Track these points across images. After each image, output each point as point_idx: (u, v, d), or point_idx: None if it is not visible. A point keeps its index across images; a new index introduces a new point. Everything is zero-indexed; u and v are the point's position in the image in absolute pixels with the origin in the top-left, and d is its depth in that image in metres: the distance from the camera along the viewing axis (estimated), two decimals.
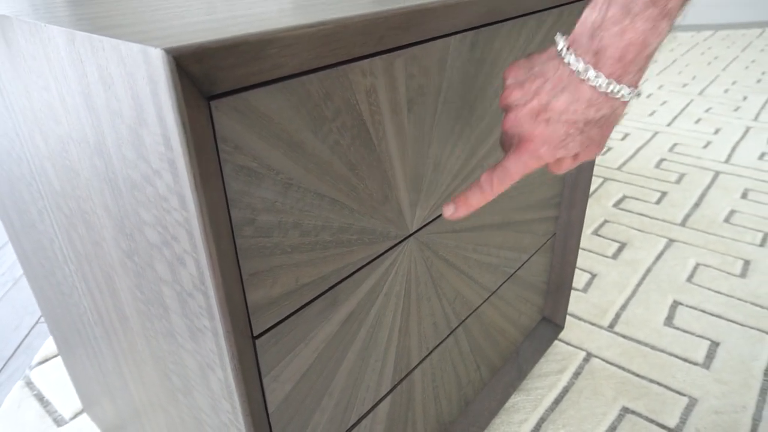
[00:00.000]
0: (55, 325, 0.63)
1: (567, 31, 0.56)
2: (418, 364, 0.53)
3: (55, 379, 0.81)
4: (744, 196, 1.25)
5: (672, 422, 0.71)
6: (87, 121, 0.29)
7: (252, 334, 0.33)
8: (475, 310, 0.60)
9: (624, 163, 1.44)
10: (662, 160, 1.45)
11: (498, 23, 0.44)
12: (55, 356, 0.85)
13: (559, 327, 0.82)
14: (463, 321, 0.58)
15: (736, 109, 1.77)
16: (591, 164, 0.68)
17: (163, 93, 0.22)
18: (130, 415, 0.56)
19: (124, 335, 0.43)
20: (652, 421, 0.71)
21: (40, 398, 0.78)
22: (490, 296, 0.62)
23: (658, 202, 1.25)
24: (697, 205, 1.23)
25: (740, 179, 1.32)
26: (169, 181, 0.25)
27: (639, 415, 0.72)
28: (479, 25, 0.42)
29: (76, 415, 0.75)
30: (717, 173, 1.36)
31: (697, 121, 1.68)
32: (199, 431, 0.40)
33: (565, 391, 0.76)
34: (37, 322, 0.94)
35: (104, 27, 0.26)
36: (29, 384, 0.80)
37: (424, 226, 0.45)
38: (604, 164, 1.44)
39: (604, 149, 1.53)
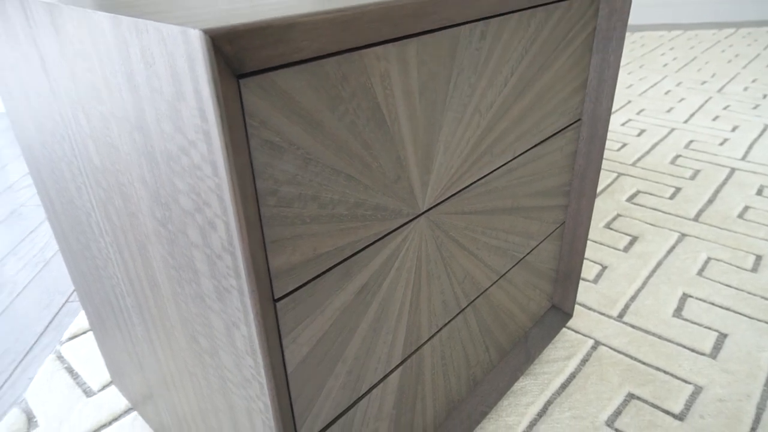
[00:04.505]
0: (87, 299, 0.67)
1: (576, 22, 0.58)
2: (428, 340, 0.55)
3: (84, 354, 0.85)
4: (759, 192, 1.25)
5: (677, 408, 0.73)
6: (129, 99, 0.32)
7: (273, 296, 0.36)
8: (484, 291, 0.62)
9: (639, 159, 1.45)
10: (678, 156, 1.45)
11: (507, 14, 0.47)
12: (85, 332, 0.90)
13: (568, 315, 0.84)
14: (472, 301, 0.61)
15: (755, 107, 1.76)
16: (600, 154, 0.70)
17: (200, 68, 0.25)
18: (157, 383, 0.59)
19: (154, 302, 0.46)
20: (656, 407, 0.73)
21: (70, 371, 0.82)
22: (498, 279, 0.64)
23: (672, 197, 1.25)
24: (711, 201, 1.23)
25: (756, 176, 1.32)
26: (203, 151, 0.28)
27: (644, 400, 0.74)
28: (489, 15, 0.44)
29: (103, 387, 0.79)
30: (733, 170, 1.36)
31: (715, 119, 1.68)
32: (223, 390, 0.43)
33: (572, 376, 0.78)
34: (66, 301, 0.99)
35: (146, 13, 0.30)
36: (60, 358, 0.85)
37: (435, 206, 0.48)
38: (619, 160, 1.45)
39: (619, 144, 1.54)
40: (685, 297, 0.93)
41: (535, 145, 0.61)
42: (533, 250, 0.70)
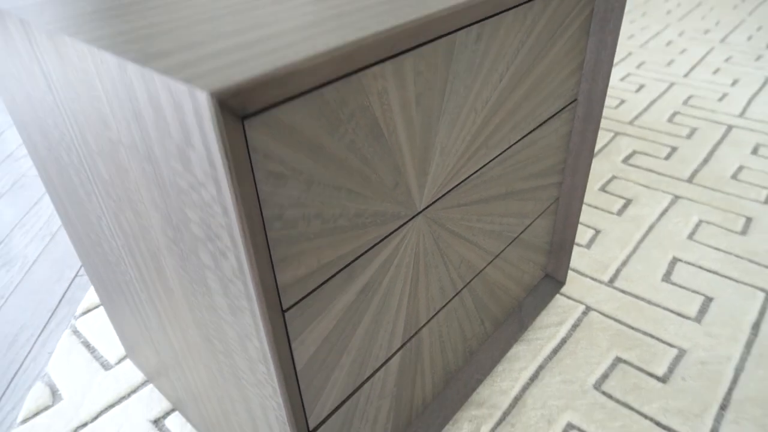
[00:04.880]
0: (99, 284, 0.69)
1: (573, 6, 0.58)
2: (426, 323, 0.59)
3: (98, 328, 0.90)
4: (755, 151, 1.26)
5: (660, 371, 0.78)
6: (137, 134, 0.34)
7: (282, 308, 0.38)
8: (480, 272, 0.65)
9: (636, 117, 1.45)
10: (675, 113, 1.45)
11: (503, 12, 0.47)
12: (97, 307, 0.94)
13: (561, 283, 0.88)
14: (468, 283, 0.63)
15: (758, 59, 1.73)
16: (595, 131, 0.71)
17: (207, 124, 0.27)
18: (171, 365, 0.63)
19: (168, 303, 0.49)
20: (641, 370, 0.78)
21: (87, 345, 0.87)
22: (494, 259, 0.67)
23: (668, 157, 1.27)
24: (706, 161, 1.24)
25: (753, 134, 1.33)
26: (213, 192, 0.30)
27: (630, 364, 0.79)
28: (485, 17, 0.45)
29: (120, 361, 0.84)
30: (730, 127, 1.36)
31: (716, 72, 1.66)
32: (238, 385, 0.47)
33: (563, 341, 0.83)
34: (76, 275, 1.02)
35: (151, 55, 0.30)
36: (76, 332, 0.89)
37: (432, 203, 0.50)
38: (617, 118, 1.45)
39: (618, 101, 1.53)
40: (674, 261, 0.97)
41: (531, 131, 0.62)
42: (527, 227, 0.72)
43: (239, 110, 0.28)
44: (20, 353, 0.87)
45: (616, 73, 1.70)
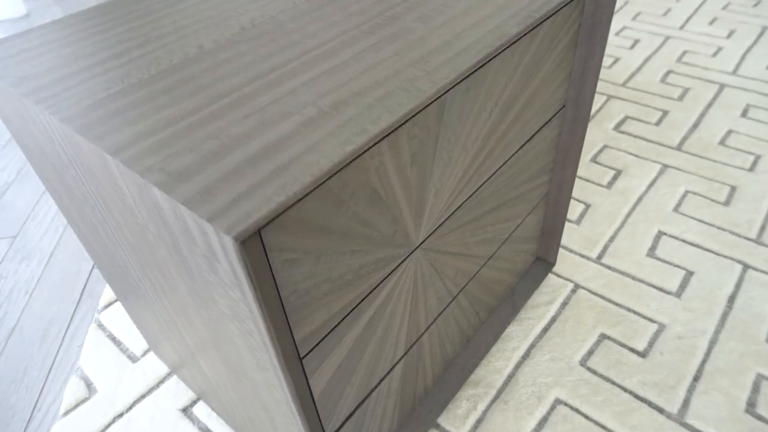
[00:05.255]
0: (112, 282, 0.75)
1: (560, 29, 0.59)
2: (426, 330, 0.65)
3: (121, 322, 0.96)
4: (744, 113, 1.28)
5: (641, 346, 0.85)
6: (164, 232, 0.38)
7: (299, 357, 0.44)
8: (474, 276, 0.70)
9: (630, 78, 1.45)
10: (669, 72, 1.45)
11: (490, 60, 0.49)
12: (117, 300, 1.00)
13: (552, 264, 0.94)
14: (463, 288, 0.69)
15: (756, 4, 1.71)
16: (583, 129, 0.74)
17: (231, 254, 0.31)
18: (192, 366, 0.70)
19: (187, 322, 0.55)
20: (624, 345, 0.85)
21: (113, 339, 0.94)
22: (487, 262, 0.72)
23: (659, 123, 1.29)
24: (695, 125, 1.27)
25: (744, 94, 1.34)
26: (239, 294, 0.35)
27: (614, 340, 0.86)
28: (474, 70, 0.47)
29: (145, 353, 0.91)
30: (722, 87, 1.38)
31: (712, 22, 1.64)
32: (259, 398, 0.53)
33: (553, 320, 0.90)
34: (93, 268, 1.08)
35: (173, 177, 0.34)
36: (101, 326, 0.96)
37: (428, 237, 0.54)
38: (610, 79, 1.45)
39: (612, 60, 1.53)
40: (659, 235, 1.02)
41: (522, 146, 0.65)
42: (519, 226, 0.77)
43: (258, 240, 0.32)
44: (53, 347, 0.94)
45: (611, 28, 1.68)
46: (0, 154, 1.42)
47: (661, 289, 0.93)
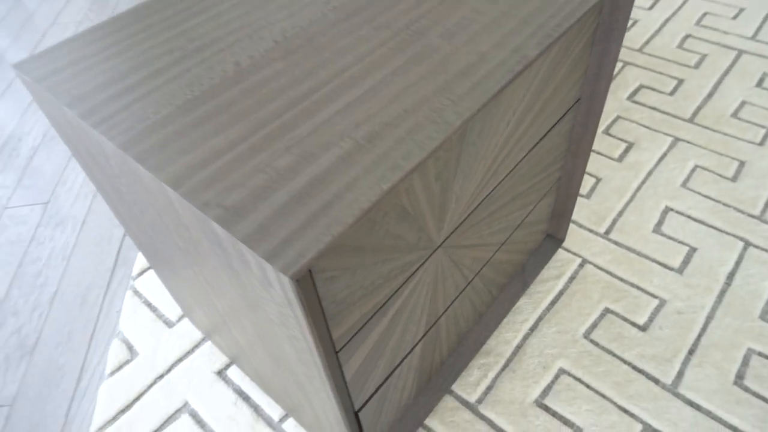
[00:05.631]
0: (150, 258, 0.81)
1: (576, 35, 0.61)
2: (443, 313, 0.70)
3: (155, 288, 1.03)
4: (759, 83, 1.28)
5: (641, 321, 0.91)
6: (218, 250, 0.42)
7: (335, 351, 0.50)
8: (488, 261, 0.75)
9: (647, 42, 1.44)
10: (687, 36, 1.44)
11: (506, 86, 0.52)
12: (150, 268, 1.06)
13: (561, 240, 0.98)
14: (478, 272, 0.74)
15: None
16: (596, 121, 0.76)
17: (287, 287, 0.36)
18: (224, 331, 0.76)
19: (231, 316, 0.61)
20: (625, 319, 0.91)
21: (149, 305, 1.01)
22: (500, 247, 0.77)
23: (673, 92, 1.29)
24: (710, 95, 1.27)
25: (761, 61, 1.33)
26: (288, 312, 0.40)
27: (616, 314, 0.92)
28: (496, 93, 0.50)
29: (180, 319, 0.98)
30: (740, 53, 1.36)
31: None
32: (295, 375, 0.60)
33: (560, 294, 0.95)
34: (124, 235, 1.14)
35: (230, 212, 0.38)
36: (136, 293, 1.03)
37: (448, 237, 0.59)
38: (627, 44, 1.44)
39: (630, 22, 1.50)
40: (666, 211, 1.06)
41: (537, 143, 0.68)
42: (531, 212, 0.81)
43: (308, 272, 0.36)
44: (93, 312, 1.02)
45: None
46: (23, 118, 1.46)
47: (664, 266, 0.97)
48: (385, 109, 0.45)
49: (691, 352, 0.86)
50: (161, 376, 0.91)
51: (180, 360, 0.93)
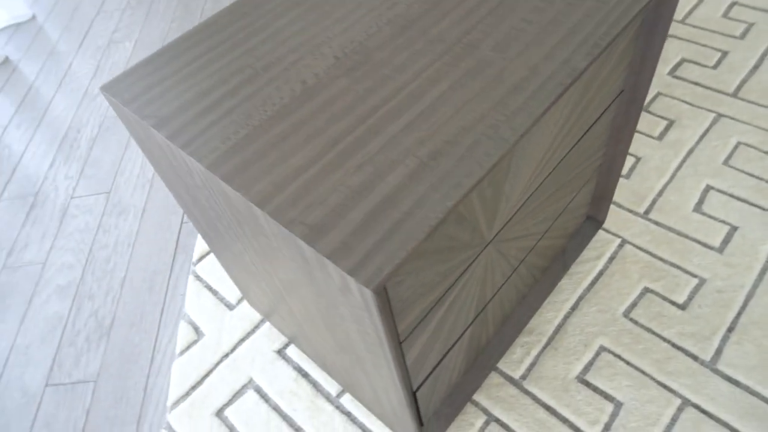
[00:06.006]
0: (211, 245, 0.88)
1: (620, 40, 0.63)
2: (490, 300, 0.75)
3: (215, 273, 1.11)
4: None
5: (681, 299, 0.94)
6: (302, 265, 0.48)
7: (399, 342, 0.55)
8: (532, 249, 0.79)
9: (690, 13, 1.41)
10: (733, 4, 1.40)
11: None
12: (208, 254, 1.14)
13: (601, 222, 1.01)
14: (523, 260, 0.78)
15: None
16: (639, 109, 0.78)
17: (367, 297, 0.41)
18: (283, 312, 0.83)
19: (301, 304, 0.67)
20: (665, 298, 0.94)
21: (210, 289, 1.09)
22: (544, 234, 0.81)
23: (716, 66, 1.27)
24: (756, 67, 1.25)
25: None
26: (364, 314, 0.45)
27: (656, 293, 0.95)
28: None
29: (239, 302, 1.06)
30: None
31: None
32: (359, 357, 0.66)
33: (600, 274, 0.99)
34: (182, 222, 1.22)
35: (315, 230, 0.43)
36: (198, 278, 1.11)
37: (498, 233, 0.63)
38: None
39: None
40: (707, 189, 1.07)
41: (581, 137, 0.71)
42: (573, 199, 0.84)
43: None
44: (159, 295, 1.10)
45: None
46: (79, 110, 1.54)
47: (705, 245, 0.99)
48: (445, 125, 0.48)
49: (730, 329, 0.89)
50: (226, 355, 0.99)
51: (242, 340, 1.00)
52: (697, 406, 0.83)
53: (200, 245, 1.16)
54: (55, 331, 1.07)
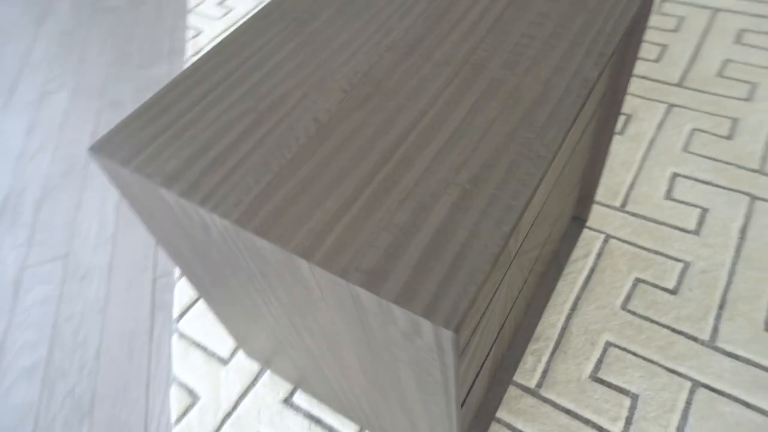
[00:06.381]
0: (200, 285, 0.82)
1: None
2: (507, 315, 0.75)
3: (201, 328, 1.04)
4: (737, 40, 1.35)
5: (671, 285, 0.97)
6: (353, 313, 0.45)
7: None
8: (537, 258, 0.80)
9: None
10: (663, 1, 1.49)
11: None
12: (189, 308, 1.07)
13: (585, 221, 1.03)
14: (531, 270, 0.78)
15: None
16: (617, 111, 0.81)
17: (445, 338, 0.39)
18: (300, 361, 0.79)
19: (326, 347, 0.63)
20: (656, 286, 0.97)
21: (198, 345, 1.02)
22: (545, 241, 0.81)
23: (658, 59, 1.35)
24: (693, 58, 1.33)
25: (735, 17, 1.40)
26: (435, 357, 0.43)
27: (647, 282, 0.98)
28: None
29: (233, 354, 1.00)
30: (715, 12, 1.43)
31: None
32: (399, 403, 0.63)
33: (592, 271, 1.01)
34: (154, 278, 1.14)
35: (371, 275, 0.41)
36: (182, 336, 1.04)
37: (518, 250, 0.63)
38: None
39: None
40: (674, 177, 1.12)
41: (579, 140, 0.72)
42: (567, 201, 0.85)
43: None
44: (142, 361, 1.02)
45: None
46: (17, 171, 1.42)
47: (682, 229, 1.04)
48: (477, 150, 0.47)
49: (720, 307, 0.93)
50: (229, 414, 0.93)
51: (244, 394, 0.95)
52: (707, 386, 0.86)
53: (180, 299, 1.08)
54: (26, 420, 0.97)
